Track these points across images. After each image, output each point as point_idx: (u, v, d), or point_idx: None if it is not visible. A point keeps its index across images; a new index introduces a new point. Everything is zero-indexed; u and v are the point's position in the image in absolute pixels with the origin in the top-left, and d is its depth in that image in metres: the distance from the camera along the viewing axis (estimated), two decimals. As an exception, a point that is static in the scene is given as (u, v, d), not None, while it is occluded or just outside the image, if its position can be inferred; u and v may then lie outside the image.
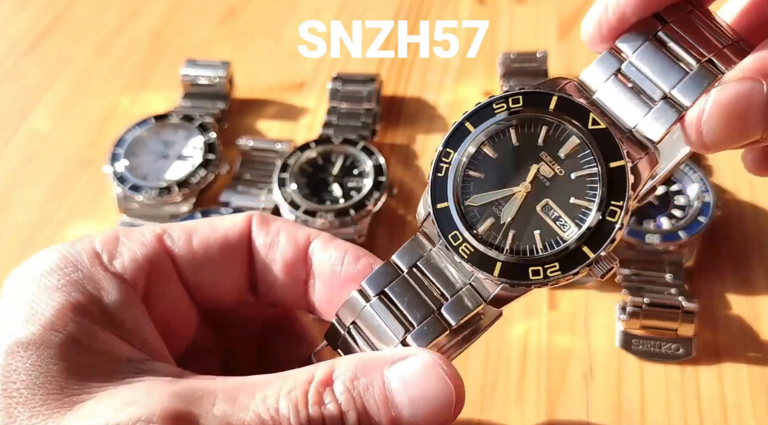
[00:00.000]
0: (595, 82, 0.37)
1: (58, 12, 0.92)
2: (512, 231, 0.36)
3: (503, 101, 0.37)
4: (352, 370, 0.34)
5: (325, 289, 0.40)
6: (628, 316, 0.58)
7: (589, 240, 0.34)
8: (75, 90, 0.83)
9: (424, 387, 0.34)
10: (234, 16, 0.91)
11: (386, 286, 0.38)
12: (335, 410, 0.33)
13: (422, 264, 0.38)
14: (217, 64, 0.77)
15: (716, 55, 0.35)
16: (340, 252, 0.40)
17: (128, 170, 0.69)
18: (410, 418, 0.34)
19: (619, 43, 0.36)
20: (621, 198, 0.34)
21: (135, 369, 0.34)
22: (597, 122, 0.35)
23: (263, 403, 0.33)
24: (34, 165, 0.75)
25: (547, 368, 0.58)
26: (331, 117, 0.75)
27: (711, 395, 0.56)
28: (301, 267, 0.41)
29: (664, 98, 0.35)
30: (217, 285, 0.41)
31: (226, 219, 0.42)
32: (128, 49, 0.87)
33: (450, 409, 0.34)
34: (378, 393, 0.34)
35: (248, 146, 0.72)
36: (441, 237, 0.36)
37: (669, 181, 0.66)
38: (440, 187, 0.37)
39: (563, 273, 0.34)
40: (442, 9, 0.89)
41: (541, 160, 0.36)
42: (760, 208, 0.67)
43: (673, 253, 0.62)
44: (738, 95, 0.33)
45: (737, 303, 0.61)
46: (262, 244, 0.41)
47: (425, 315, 0.37)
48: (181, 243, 0.40)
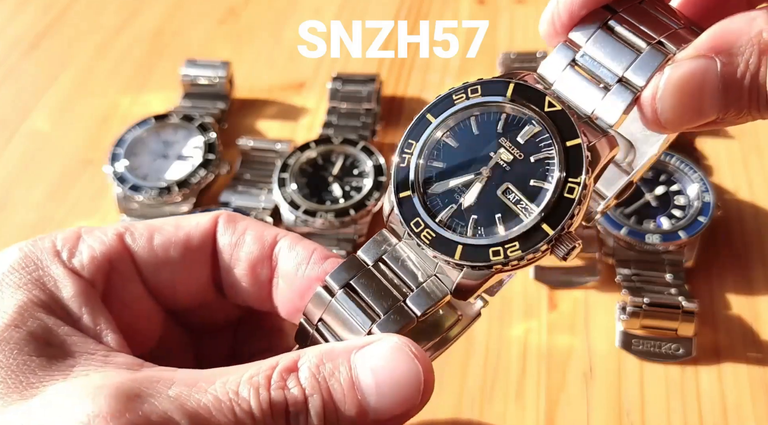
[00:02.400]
0: (551, 73, 0.37)
1: (58, 12, 0.92)
2: (473, 216, 0.36)
3: (462, 92, 0.38)
4: (318, 357, 0.34)
5: (289, 289, 0.40)
6: (628, 316, 0.58)
7: (548, 218, 0.34)
8: (75, 90, 0.83)
9: (391, 369, 0.33)
10: (234, 16, 0.91)
11: (351, 279, 0.37)
12: (299, 394, 0.33)
13: (388, 258, 0.38)
14: (217, 64, 0.77)
15: (667, 36, 0.35)
16: (306, 251, 0.40)
17: (128, 170, 0.69)
18: (377, 402, 0.33)
19: (571, 34, 0.37)
20: (578, 174, 0.34)
21: (95, 361, 0.34)
22: (553, 104, 0.36)
23: (222, 386, 0.33)
24: (34, 165, 0.75)
25: (547, 368, 0.58)
26: (331, 117, 0.75)
27: (711, 395, 0.56)
28: (266, 266, 0.40)
29: (619, 81, 0.36)
30: (178, 284, 0.41)
31: (192, 219, 0.41)
32: (128, 49, 0.87)
33: (418, 392, 0.34)
34: (344, 378, 0.33)
35: (248, 146, 0.72)
36: (403, 225, 0.37)
37: (669, 181, 0.66)
38: (402, 177, 0.37)
39: (523, 251, 0.34)
40: (442, 9, 0.89)
41: (500, 146, 0.37)
42: (760, 208, 0.67)
43: (673, 253, 0.62)
44: (692, 72, 0.33)
45: (737, 303, 0.61)
46: (228, 244, 0.41)
47: (391, 305, 0.36)
48: (143, 242, 0.40)
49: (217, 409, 0.32)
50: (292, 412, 0.33)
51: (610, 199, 0.40)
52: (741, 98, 0.33)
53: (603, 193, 0.40)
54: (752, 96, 0.33)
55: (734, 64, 0.33)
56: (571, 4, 0.37)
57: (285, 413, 0.33)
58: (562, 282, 0.63)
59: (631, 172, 0.39)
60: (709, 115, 0.34)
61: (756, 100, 0.33)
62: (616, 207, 0.64)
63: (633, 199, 0.65)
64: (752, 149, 0.71)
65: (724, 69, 0.33)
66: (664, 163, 0.66)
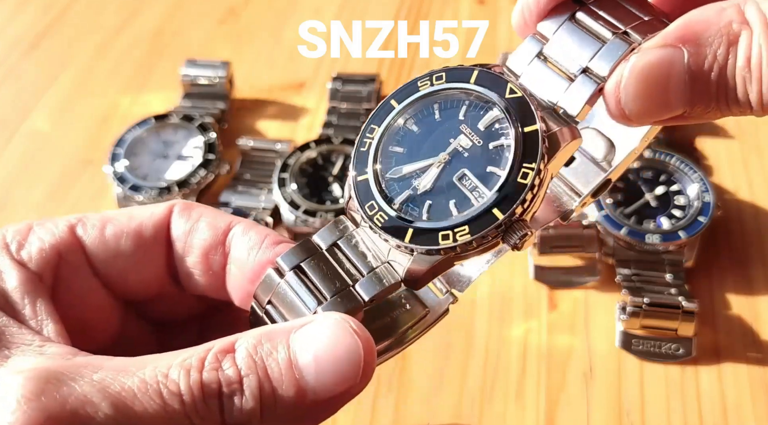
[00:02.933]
0: (518, 66, 0.37)
1: (58, 12, 0.92)
2: (428, 201, 0.36)
3: (427, 79, 0.37)
4: (257, 337, 0.33)
5: (241, 274, 0.39)
6: (628, 316, 0.58)
7: (499, 202, 0.34)
8: (75, 90, 0.83)
9: (331, 347, 0.33)
10: (234, 16, 0.91)
11: (302, 261, 0.37)
12: (234, 374, 0.32)
13: (343, 243, 0.37)
14: (217, 64, 0.77)
15: (633, 27, 0.35)
16: (259, 236, 0.39)
17: (128, 170, 0.69)
18: (316, 381, 0.32)
19: (539, 26, 0.37)
20: (533, 160, 0.34)
21: (29, 352, 0.34)
22: (514, 91, 0.35)
23: (152, 370, 0.32)
24: (34, 165, 0.75)
25: (547, 368, 0.58)
26: (331, 117, 0.75)
27: (711, 395, 0.56)
28: (219, 253, 0.39)
29: (583, 71, 0.35)
30: (132, 275, 0.40)
31: (146, 209, 0.41)
32: (128, 49, 0.87)
33: (358, 369, 0.33)
34: (282, 357, 0.32)
35: (248, 146, 0.72)
36: (359, 209, 0.36)
37: (669, 181, 0.66)
38: (362, 160, 0.37)
39: (472, 235, 0.34)
40: (442, 9, 0.89)
41: (461, 133, 0.36)
42: (760, 208, 0.67)
43: (673, 253, 0.62)
44: (658, 61, 0.33)
45: (737, 303, 0.61)
46: (182, 232, 0.40)
47: (339, 289, 0.36)
48: (94, 233, 0.39)
49: (142, 392, 0.31)
50: (226, 393, 0.32)
51: (585, 197, 0.39)
52: (708, 91, 0.33)
53: (579, 191, 0.39)
54: (720, 89, 0.32)
55: (702, 55, 0.32)
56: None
57: (218, 394, 0.32)
58: (562, 282, 0.63)
59: (609, 169, 0.39)
60: (675, 107, 0.33)
61: (724, 93, 0.33)
62: (616, 207, 0.64)
63: (633, 199, 0.65)
64: (752, 149, 0.71)
65: (692, 59, 0.32)
66: (664, 163, 0.66)
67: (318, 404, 0.33)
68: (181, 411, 0.31)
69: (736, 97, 0.32)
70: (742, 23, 0.32)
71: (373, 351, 0.34)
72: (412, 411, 0.56)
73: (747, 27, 0.32)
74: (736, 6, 0.32)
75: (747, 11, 0.32)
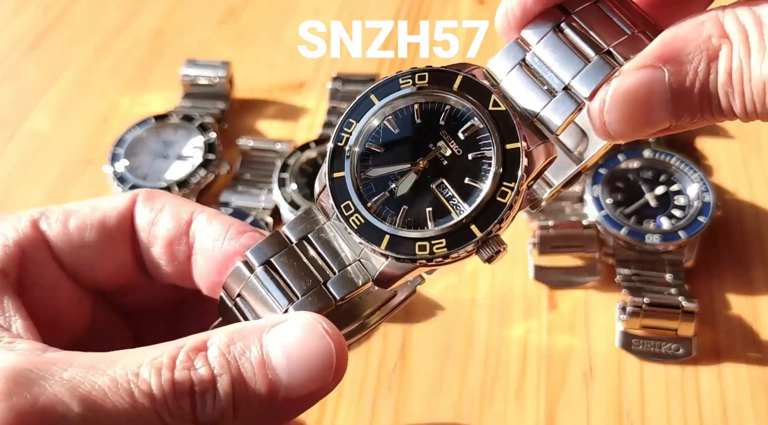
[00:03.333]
0: (500, 71, 0.37)
1: (58, 12, 0.92)
2: (405, 206, 0.36)
3: (410, 77, 0.37)
4: (229, 336, 0.33)
5: (207, 265, 0.39)
6: (628, 316, 0.58)
7: (477, 219, 0.34)
8: (75, 90, 0.83)
9: (303, 347, 0.33)
10: (234, 16, 0.91)
11: (272, 256, 0.36)
12: (207, 374, 0.32)
13: (313, 237, 0.37)
14: (217, 64, 0.77)
15: (617, 45, 0.35)
16: (223, 226, 0.39)
17: (128, 170, 0.69)
18: (289, 381, 0.33)
19: (524, 33, 0.37)
20: (513, 179, 0.34)
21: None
22: (498, 104, 0.35)
23: (123, 368, 0.31)
24: (34, 165, 0.75)
25: (547, 368, 0.58)
26: (331, 117, 0.75)
27: (711, 395, 0.56)
28: (183, 243, 0.39)
29: (565, 89, 0.35)
30: (97, 267, 0.40)
31: (110, 199, 0.41)
32: (128, 49, 0.87)
33: (330, 369, 0.33)
34: (255, 356, 0.33)
35: (248, 146, 0.72)
36: (334, 207, 0.36)
37: (669, 181, 0.66)
38: (339, 156, 0.37)
39: (449, 249, 0.34)
40: (442, 9, 0.89)
41: (440, 139, 0.36)
42: (760, 208, 0.67)
43: (673, 253, 0.62)
44: (638, 84, 0.33)
45: (737, 303, 0.61)
46: (146, 222, 0.40)
47: (311, 287, 0.36)
48: (57, 226, 0.39)
49: (112, 391, 0.31)
50: (198, 392, 0.32)
51: (557, 187, 0.39)
52: (692, 106, 0.33)
53: (551, 181, 0.39)
54: (703, 102, 0.33)
55: (683, 73, 0.32)
56: (525, 1, 0.36)
57: (190, 393, 0.32)
58: (562, 282, 0.63)
59: (581, 160, 0.39)
60: (659, 124, 0.34)
61: (708, 105, 0.33)
62: (616, 207, 0.64)
63: (633, 199, 0.65)
64: (752, 149, 0.71)
65: (672, 78, 0.33)
66: (664, 163, 0.66)
67: (289, 402, 0.33)
68: (151, 409, 0.31)
69: (720, 108, 0.33)
70: (722, 37, 0.32)
71: (345, 352, 0.34)
72: (412, 411, 0.56)
73: (726, 41, 0.32)
74: (714, 18, 0.32)
75: (726, 23, 0.32)
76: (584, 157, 0.39)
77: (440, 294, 0.62)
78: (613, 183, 0.65)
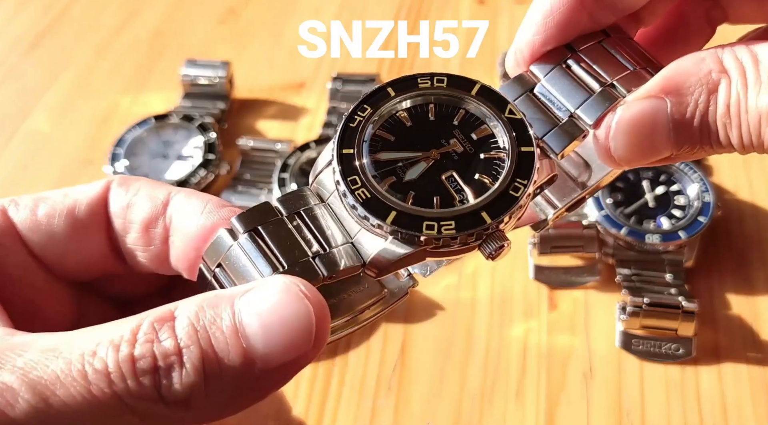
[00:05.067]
0: (509, 96, 0.38)
1: (58, 12, 0.92)
2: (412, 192, 0.35)
3: (428, 78, 0.37)
4: (199, 304, 0.30)
5: (184, 244, 0.36)
6: (628, 316, 0.58)
7: (489, 207, 0.34)
8: (75, 90, 0.83)
9: (279, 311, 0.30)
10: (234, 16, 0.91)
11: (260, 224, 0.34)
12: (171, 346, 0.29)
13: (305, 213, 0.35)
14: (217, 64, 0.77)
15: (620, 79, 0.37)
16: (201, 201, 0.37)
17: (128, 170, 0.69)
18: (264, 348, 0.30)
19: (532, 67, 0.38)
20: (526, 177, 0.35)
21: None
22: (513, 112, 0.36)
23: (79, 348, 0.29)
24: (34, 165, 0.75)
25: (547, 368, 0.58)
26: (331, 117, 0.75)
27: (711, 395, 0.56)
28: (160, 226, 0.37)
29: (570, 117, 0.37)
30: (70, 256, 0.38)
31: (82, 186, 0.39)
32: (128, 49, 0.87)
33: (309, 335, 0.30)
34: (227, 325, 0.30)
35: (248, 146, 0.72)
36: (340, 181, 0.35)
37: (669, 181, 0.66)
38: (349, 135, 0.36)
39: (458, 232, 0.33)
40: (442, 9, 0.89)
41: (453, 137, 0.37)
42: (760, 208, 0.67)
43: (673, 253, 0.62)
44: (642, 113, 0.35)
45: (737, 303, 0.61)
46: (120, 207, 0.38)
47: (298, 258, 0.33)
48: (26, 213, 0.38)
49: (65, 374, 0.28)
50: (162, 367, 0.29)
51: (561, 209, 0.40)
52: (692, 136, 0.34)
53: (555, 203, 0.40)
54: (703, 134, 0.34)
55: (684, 104, 0.34)
56: (533, 43, 0.38)
57: (153, 369, 0.29)
58: (562, 282, 0.63)
59: (584, 188, 0.40)
60: (662, 152, 0.35)
61: (707, 137, 0.34)
62: (616, 207, 0.64)
63: (633, 199, 0.65)
64: (752, 149, 0.71)
65: (674, 109, 0.34)
66: (664, 163, 0.66)
67: (267, 373, 0.30)
68: (109, 392, 0.28)
69: (718, 140, 0.34)
70: (721, 72, 0.34)
71: (326, 316, 0.31)
72: (412, 412, 0.56)
73: (725, 75, 0.33)
74: (714, 55, 0.34)
75: (725, 59, 0.34)
76: (588, 184, 0.40)
77: (440, 294, 0.62)
78: (613, 183, 0.65)
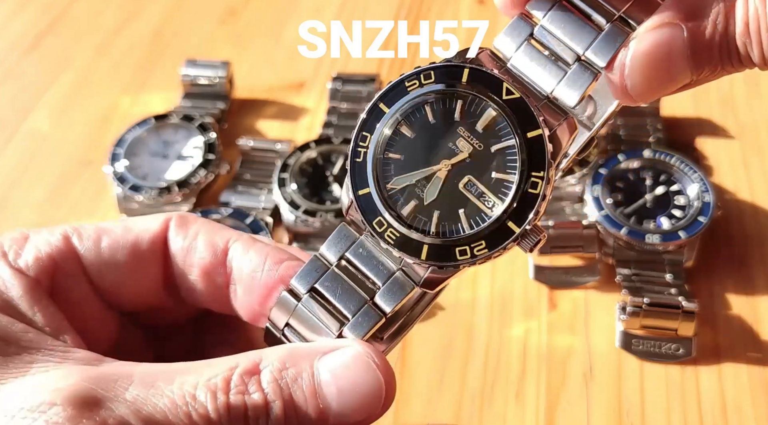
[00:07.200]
0: (507, 49, 0.36)
1: (58, 12, 0.92)
2: (437, 211, 0.35)
3: (415, 78, 0.36)
4: (281, 360, 0.34)
5: (247, 296, 0.39)
6: (628, 316, 0.58)
7: (512, 215, 0.34)
8: (75, 90, 0.83)
9: (354, 379, 0.34)
10: (234, 16, 0.91)
11: (316, 282, 0.37)
12: (260, 399, 0.33)
13: (351, 254, 0.37)
14: (217, 64, 0.77)
15: (627, 10, 0.34)
16: (260, 256, 0.39)
17: (128, 170, 0.69)
18: (338, 410, 0.34)
19: (529, 7, 0.36)
20: (541, 168, 0.34)
21: (54, 357, 0.34)
22: (511, 92, 0.34)
23: (180, 389, 0.32)
24: (34, 165, 0.75)
25: (547, 368, 0.58)
26: (331, 117, 0.75)
27: (711, 395, 0.56)
28: (221, 273, 0.40)
29: (578, 60, 0.34)
30: (127, 287, 0.40)
31: (143, 222, 0.41)
32: (128, 49, 0.87)
33: (379, 401, 0.34)
34: (306, 384, 0.34)
35: (248, 146, 0.72)
36: (365, 224, 0.36)
37: (669, 181, 0.66)
38: (360, 172, 0.36)
39: (490, 250, 0.34)
40: (442, 9, 0.89)
41: (459, 136, 0.35)
42: (760, 208, 0.67)
43: (673, 253, 0.62)
44: (658, 43, 0.33)
45: (737, 303, 0.61)
46: (180, 248, 0.40)
47: (359, 306, 0.36)
48: (89, 243, 0.39)
49: (173, 414, 0.32)
50: (252, 417, 0.33)
51: (572, 156, 0.38)
52: (712, 59, 0.33)
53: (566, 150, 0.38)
54: (723, 53, 0.33)
55: (702, 27, 0.33)
56: None
57: (244, 417, 0.33)
58: (562, 282, 0.63)
59: (592, 127, 0.38)
60: (681, 80, 0.34)
61: (728, 56, 0.33)
62: (616, 207, 0.64)
63: (633, 199, 0.65)
64: (752, 149, 0.71)
65: (691, 33, 0.33)
66: (664, 163, 0.66)
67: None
68: None
69: (739, 59, 0.33)
70: None
71: (394, 385, 0.35)
72: (412, 411, 0.56)
73: None
74: None
75: None
76: (594, 122, 0.38)
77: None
78: (613, 183, 0.65)
